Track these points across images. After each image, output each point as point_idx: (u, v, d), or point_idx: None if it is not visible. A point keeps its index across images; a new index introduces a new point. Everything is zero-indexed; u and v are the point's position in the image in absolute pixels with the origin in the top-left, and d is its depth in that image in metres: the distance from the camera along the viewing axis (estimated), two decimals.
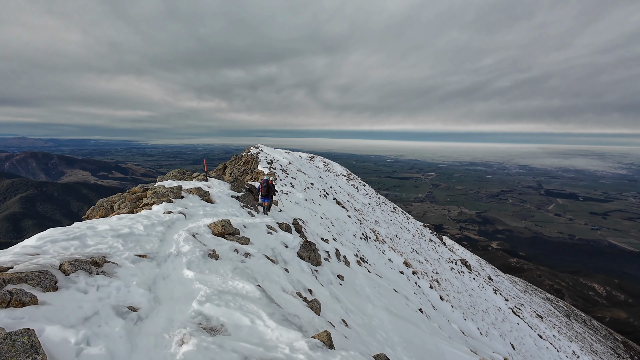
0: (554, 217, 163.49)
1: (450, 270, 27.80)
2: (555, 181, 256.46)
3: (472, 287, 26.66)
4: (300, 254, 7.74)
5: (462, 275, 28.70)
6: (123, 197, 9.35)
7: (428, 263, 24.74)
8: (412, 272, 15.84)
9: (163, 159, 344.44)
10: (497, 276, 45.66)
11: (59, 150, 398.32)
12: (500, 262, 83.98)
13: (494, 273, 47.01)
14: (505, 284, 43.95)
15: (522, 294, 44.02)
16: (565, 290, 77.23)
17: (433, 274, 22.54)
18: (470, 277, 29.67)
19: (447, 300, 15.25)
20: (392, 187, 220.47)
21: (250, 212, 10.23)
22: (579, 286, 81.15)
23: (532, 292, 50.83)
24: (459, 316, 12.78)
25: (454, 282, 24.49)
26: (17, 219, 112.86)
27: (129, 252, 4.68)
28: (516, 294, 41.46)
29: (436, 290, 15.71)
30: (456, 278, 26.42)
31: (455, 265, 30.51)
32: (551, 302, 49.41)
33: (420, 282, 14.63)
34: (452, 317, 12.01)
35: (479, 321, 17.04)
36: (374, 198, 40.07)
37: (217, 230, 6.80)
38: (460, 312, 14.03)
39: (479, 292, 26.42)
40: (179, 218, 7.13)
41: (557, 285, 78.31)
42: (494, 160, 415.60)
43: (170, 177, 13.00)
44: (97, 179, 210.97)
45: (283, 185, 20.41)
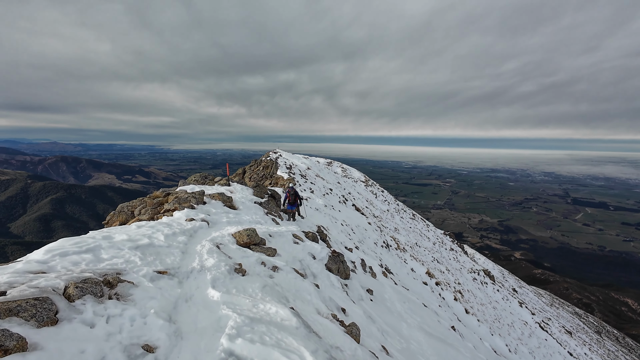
0: (582, 227, 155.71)
1: (473, 281, 26.85)
2: (584, 189, 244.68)
3: (496, 299, 25.62)
4: (329, 266, 7.37)
5: (485, 287, 27.66)
6: (144, 202, 9.11)
7: (450, 273, 24.00)
8: (435, 282, 15.37)
9: (184, 164, 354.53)
10: (521, 288, 43.75)
11: (87, 155, 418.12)
12: (524, 273, 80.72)
13: (518, 284, 45.09)
14: (530, 296, 42.02)
15: (549, 308, 41.94)
16: (595, 304, 73.09)
17: (455, 284, 21.81)
18: (494, 289, 28.56)
19: (472, 313, 14.64)
20: (410, 193, 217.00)
21: (274, 220, 9.86)
22: (611, 301, 76.63)
23: (559, 305, 48.38)
24: (486, 331, 12.21)
25: (477, 294, 23.61)
26: (48, 219, 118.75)
27: (148, 268, 4.21)
28: (542, 307, 39.53)
29: (461, 302, 15.14)
30: (479, 289, 25.48)
31: (478, 276, 29.46)
32: (580, 317, 46.80)
33: (444, 294, 14.12)
34: (480, 332, 11.46)
35: (506, 336, 16.26)
36: (393, 204, 39.49)
37: (242, 240, 6.43)
38: (487, 327, 13.42)
39: (503, 304, 25.35)
40: (201, 226, 6.81)
41: (586, 299, 74.29)
42: (517, 167, 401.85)
43: (192, 181, 12.76)
44: (121, 182, 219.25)
45: (302, 191, 20.41)
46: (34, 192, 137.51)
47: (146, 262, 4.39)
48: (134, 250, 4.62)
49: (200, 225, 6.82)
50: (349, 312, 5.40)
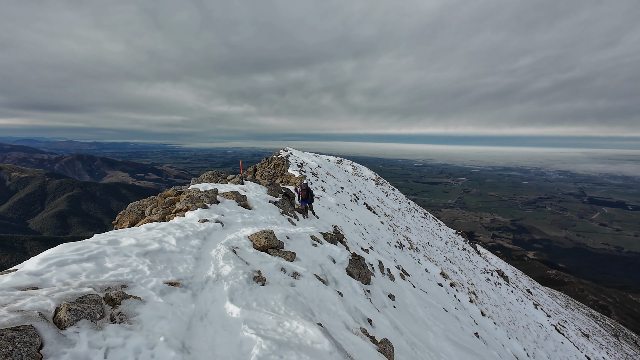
0: (598, 227, 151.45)
1: (486, 282, 26.38)
2: (601, 188, 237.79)
3: (511, 301, 25.12)
4: (350, 270, 7.00)
5: (499, 287, 27.15)
6: (155, 201, 8.78)
7: (462, 273, 23.65)
8: (450, 284, 15.14)
9: (195, 162, 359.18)
10: (535, 289, 42.88)
11: (102, 153, 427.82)
12: (537, 273, 79.14)
13: (532, 285, 44.21)
14: (544, 297, 41.14)
15: (564, 309, 40.99)
16: (612, 307, 71.14)
17: (469, 285, 21.46)
18: (508, 290, 28.01)
19: (488, 316, 14.37)
20: (420, 192, 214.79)
21: (290, 220, 9.53)
22: (628, 303, 74.46)
23: (574, 307, 47.25)
24: (502, 334, 11.93)
25: (491, 295, 23.17)
26: (64, 216, 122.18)
27: (157, 279, 3.71)
28: (556, 308, 38.66)
29: (476, 304, 14.87)
30: (493, 290, 25.01)
31: (492, 277, 28.94)
32: (596, 320, 45.62)
33: (459, 296, 13.88)
34: (497, 335, 11.23)
35: (522, 340, 15.90)
36: (404, 203, 39.14)
37: (259, 244, 6.06)
38: (504, 330, 13.14)
39: (518, 306, 24.84)
40: (215, 227, 6.46)
41: (602, 301, 72.39)
42: (530, 165, 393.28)
43: (205, 179, 12.45)
44: (134, 180, 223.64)
45: (314, 189, 20.36)
46: (51, 189, 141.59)
47: (156, 272, 3.90)
48: (143, 257, 4.16)
49: (214, 226, 6.49)
50: (376, 323, 5.12)
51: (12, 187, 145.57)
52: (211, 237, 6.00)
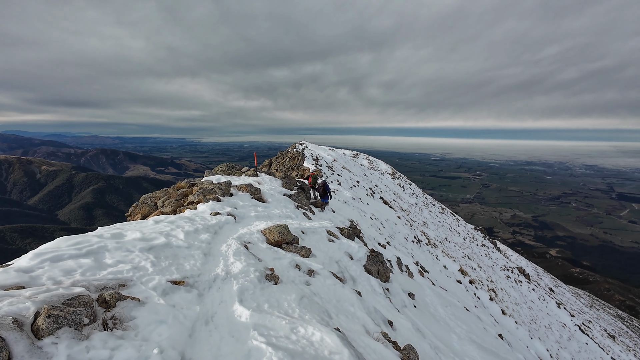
0: (627, 224, 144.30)
1: (506, 279, 25.59)
2: (631, 184, 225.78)
3: (532, 299, 24.30)
4: (368, 268, 6.69)
5: (519, 285, 26.31)
6: (167, 193, 8.69)
7: (482, 270, 23.02)
8: (469, 281, 14.72)
9: (212, 156, 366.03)
10: (557, 287, 41.42)
11: (124, 147, 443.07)
12: (560, 271, 76.61)
13: (554, 284, 42.72)
14: (567, 296, 39.68)
15: (588, 309, 39.43)
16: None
17: (488, 282, 20.86)
18: (529, 288, 27.12)
19: (509, 314, 13.90)
20: (437, 186, 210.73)
21: (305, 214, 9.25)
22: None
23: (599, 307, 45.42)
24: (524, 334, 11.50)
25: (511, 293, 22.47)
26: (90, 208, 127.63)
27: (160, 277, 3.41)
28: (580, 308, 37.22)
29: (496, 302, 14.43)
30: (513, 288, 24.24)
31: (512, 274, 28.06)
32: (623, 320, 43.69)
33: (479, 293, 13.47)
34: (519, 335, 10.82)
35: (544, 340, 15.33)
36: (421, 198, 38.43)
37: (272, 239, 5.83)
38: (526, 329, 12.69)
39: (539, 304, 24.00)
40: (227, 221, 6.26)
41: (630, 302, 69.45)
42: (554, 160, 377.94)
43: (219, 171, 12.20)
44: (155, 173, 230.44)
45: (330, 183, 20.22)
46: (77, 182, 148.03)
47: (159, 269, 3.60)
48: (147, 253, 3.90)
49: (226, 220, 6.28)
50: (397, 326, 4.84)
51: (42, 180, 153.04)
52: (222, 231, 5.77)
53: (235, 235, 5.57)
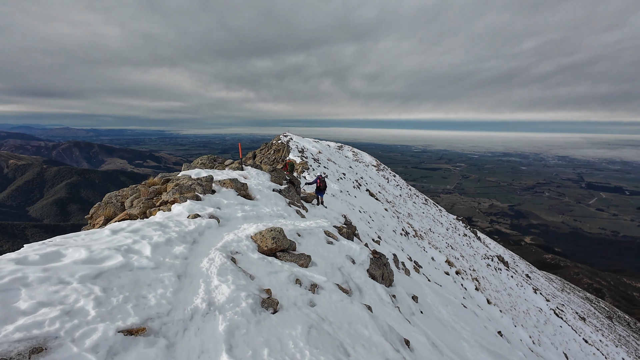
0: (595, 212, 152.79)
1: (487, 267, 26.59)
2: (599, 173, 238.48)
3: (511, 286, 25.38)
4: (372, 272, 6.07)
5: (499, 273, 27.40)
6: (137, 191, 7.53)
7: (464, 259, 23.76)
8: (455, 272, 15.13)
9: (193, 148, 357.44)
10: (532, 273, 43.44)
11: (99, 140, 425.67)
12: (534, 257, 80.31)
13: (529, 269, 44.76)
14: (541, 281, 41.70)
15: (559, 293, 41.65)
16: (606, 290, 72.69)
17: (470, 271, 21.58)
18: (508, 275, 28.30)
19: (494, 303, 14.43)
20: (419, 177, 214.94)
21: (299, 212, 8.47)
22: (622, 286, 76.07)
23: (570, 290, 48.06)
24: (509, 322, 11.97)
25: (492, 280, 23.37)
26: (64, 203, 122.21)
27: (107, 325, 2.28)
28: (553, 292, 39.26)
29: (481, 292, 14.91)
30: (493, 276, 25.22)
31: (492, 262, 29.17)
32: (591, 302, 46.49)
33: (465, 284, 13.88)
34: (504, 323, 11.26)
35: (527, 326, 16.03)
36: (405, 189, 39.03)
37: (265, 246, 4.97)
38: (510, 318, 13.21)
39: (518, 291, 25.13)
40: (209, 225, 5.32)
41: (597, 285, 73.92)
42: (530, 151, 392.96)
43: (199, 164, 11.00)
44: (133, 167, 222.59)
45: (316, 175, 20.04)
46: (49, 176, 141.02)
47: (107, 311, 2.46)
48: (91, 284, 2.71)
49: (207, 224, 5.32)
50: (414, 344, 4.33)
51: (10, 174, 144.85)
52: (203, 240, 4.80)
53: (220, 244, 4.63)
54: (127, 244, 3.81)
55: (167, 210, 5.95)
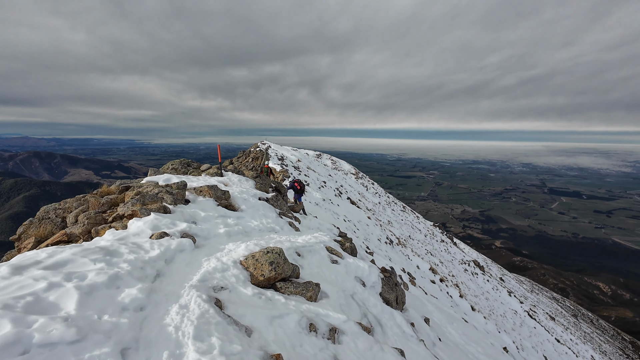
0: (557, 215, 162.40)
1: (464, 272, 27.27)
2: (559, 179, 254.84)
3: (487, 290, 26.13)
4: (386, 296, 5.19)
5: (476, 277, 28.18)
6: (85, 202, 5.96)
7: (444, 265, 24.22)
8: (439, 279, 15.31)
9: (166, 158, 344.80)
10: (504, 275, 45.17)
11: (62, 150, 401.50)
12: (504, 260, 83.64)
13: (501, 272, 46.54)
14: (512, 283, 43.42)
15: (529, 294, 43.51)
16: (570, 289, 76.84)
17: (450, 277, 22.01)
18: (484, 279, 29.16)
19: (478, 310, 14.68)
20: (394, 185, 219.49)
21: (291, 224, 7.34)
22: (584, 285, 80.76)
23: (538, 291, 50.34)
24: (493, 328, 12.18)
25: (470, 285, 23.93)
26: (22, 218, 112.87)
27: None
28: (523, 294, 40.94)
29: (465, 299, 15.14)
30: (471, 280, 25.88)
31: (469, 267, 29.99)
32: (558, 302, 48.92)
33: (450, 291, 14.02)
34: (488, 329, 11.42)
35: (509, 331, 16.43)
36: (384, 197, 39.55)
37: (261, 274, 3.79)
38: (493, 323, 13.47)
39: (494, 294, 25.90)
40: (181, 247, 4.07)
41: (561, 284, 77.93)
42: (497, 159, 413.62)
43: (169, 170, 9.43)
44: (100, 178, 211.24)
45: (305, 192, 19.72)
46: (5, 189, 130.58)
47: None
48: None
49: (178, 245, 4.06)
50: None
51: None
52: (172, 271, 3.53)
53: (197, 278, 3.40)
54: (34, 293, 2.28)
55: (122, 228, 4.53)
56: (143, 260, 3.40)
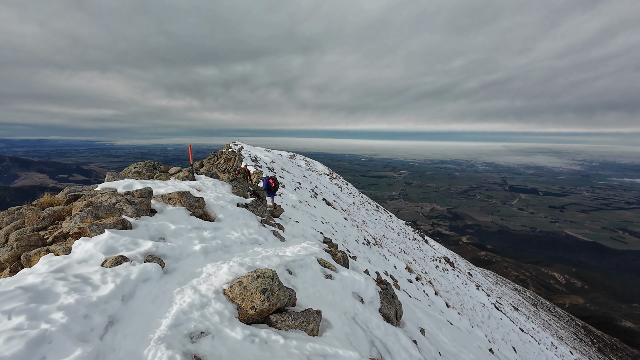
0: (517, 211, 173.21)
1: (436, 269, 28.22)
2: (518, 177, 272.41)
3: (457, 285, 27.22)
4: (386, 312, 4.78)
5: (446, 273, 29.26)
6: (20, 217, 4.79)
7: (417, 263, 24.88)
8: (415, 277, 15.64)
9: (130, 160, 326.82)
10: (471, 270, 47.37)
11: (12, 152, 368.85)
12: (470, 255, 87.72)
13: (468, 267, 48.78)
14: (479, 277, 45.69)
15: (494, 287, 45.95)
16: (530, 280, 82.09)
17: (423, 274, 22.67)
18: (454, 275, 30.36)
19: (452, 306, 15.17)
20: (366, 185, 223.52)
21: (276, 233, 6.68)
22: (541, 275, 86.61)
23: (502, 283, 53.30)
24: (466, 324, 12.61)
25: (442, 281, 24.79)
26: None
27: None
28: (489, 287, 43.19)
29: (440, 296, 15.59)
30: (442, 276, 26.83)
31: (440, 263, 31.10)
32: (519, 293, 52.14)
33: (426, 289, 14.37)
34: (462, 325, 11.81)
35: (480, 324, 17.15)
36: (358, 197, 40.01)
37: (251, 307, 3.04)
38: (467, 319, 13.97)
39: (464, 289, 27.02)
40: (145, 276, 3.19)
41: (522, 276, 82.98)
42: (462, 158, 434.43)
43: (132, 174, 8.33)
44: (56, 182, 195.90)
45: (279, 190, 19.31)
46: None
47: None
48: None
49: (141, 274, 3.17)
50: None
51: None
52: (132, 313, 2.69)
53: (167, 323, 2.60)
54: None
55: (64, 252, 3.45)
56: (89, 304, 2.43)
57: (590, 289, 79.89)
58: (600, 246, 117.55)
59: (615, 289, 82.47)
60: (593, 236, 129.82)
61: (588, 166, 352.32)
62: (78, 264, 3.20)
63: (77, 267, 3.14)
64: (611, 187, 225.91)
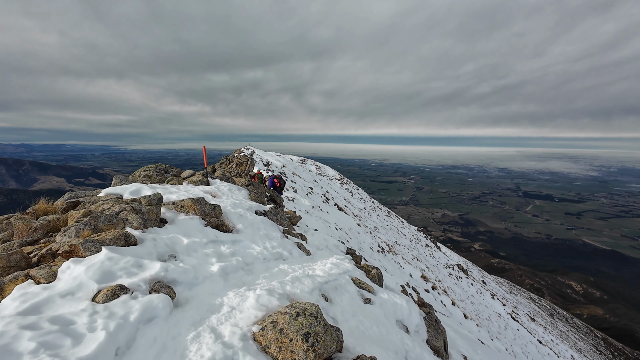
0: (531, 217, 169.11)
1: (449, 277, 27.65)
2: (532, 183, 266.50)
3: (472, 294, 26.57)
4: (434, 344, 4.11)
5: (460, 281, 28.63)
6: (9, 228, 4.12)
7: (430, 270, 24.42)
8: (431, 287, 15.32)
9: (143, 164, 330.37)
10: (485, 278, 46.27)
11: (32, 156, 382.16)
12: (483, 263, 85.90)
13: (481, 275, 47.68)
14: (493, 285, 44.57)
15: (509, 295, 44.73)
16: (545, 289, 79.74)
17: (436, 282, 22.21)
18: (468, 283, 29.68)
19: (470, 317, 14.77)
20: (376, 190, 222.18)
21: (300, 245, 5.90)
22: (557, 284, 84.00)
23: (516, 292, 51.86)
24: (485, 336, 12.25)
25: (456, 290, 24.24)
26: None
27: None
28: (503, 295, 42.05)
29: (457, 306, 15.20)
30: (456, 285, 26.24)
31: (453, 271, 30.46)
32: (535, 302, 50.57)
33: (444, 299, 14.03)
34: (481, 336, 11.47)
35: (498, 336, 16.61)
36: (369, 202, 39.72)
37: (290, 356, 2.28)
38: (486, 331, 13.57)
39: (478, 298, 26.35)
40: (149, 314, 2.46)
41: (537, 285, 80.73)
42: (474, 164, 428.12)
43: (141, 177, 7.57)
44: (72, 185, 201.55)
45: (285, 190, 19.25)
46: None
47: None
48: None
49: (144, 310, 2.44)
50: None
51: None
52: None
53: None
54: None
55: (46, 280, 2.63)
56: None
57: (610, 299, 77.04)
58: (620, 255, 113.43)
59: (637, 299, 79.30)
60: (612, 244, 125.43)
61: (606, 172, 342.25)
62: (61, 298, 2.36)
63: (58, 304, 2.30)
64: (630, 193, 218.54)
